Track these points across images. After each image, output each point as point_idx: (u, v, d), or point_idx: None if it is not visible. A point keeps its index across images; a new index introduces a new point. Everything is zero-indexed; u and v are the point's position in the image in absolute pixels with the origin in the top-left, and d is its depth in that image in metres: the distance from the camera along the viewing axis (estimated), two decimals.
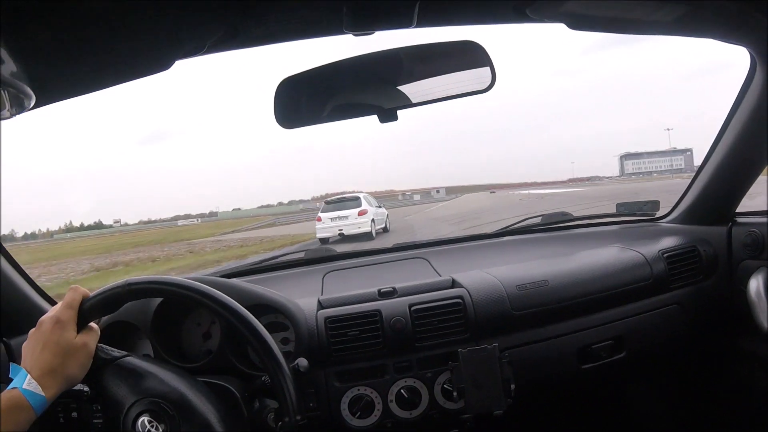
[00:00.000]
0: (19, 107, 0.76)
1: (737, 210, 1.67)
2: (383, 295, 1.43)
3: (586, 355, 1.44)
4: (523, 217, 2.04)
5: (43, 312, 1.51)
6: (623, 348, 1.47)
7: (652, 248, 1.58)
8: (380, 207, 18.29)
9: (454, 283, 1.46)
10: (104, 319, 1.31)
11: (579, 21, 1.09)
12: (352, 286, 1.55)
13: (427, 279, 1.53)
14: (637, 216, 1.89)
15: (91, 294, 1.04)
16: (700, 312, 1.58)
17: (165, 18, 0.86)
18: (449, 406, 1.33)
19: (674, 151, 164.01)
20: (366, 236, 15.30)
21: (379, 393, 1.33)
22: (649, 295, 1.52)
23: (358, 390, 1.33)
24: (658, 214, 1.87)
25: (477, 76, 1.12)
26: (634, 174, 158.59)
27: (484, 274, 1.47)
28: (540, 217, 2.01)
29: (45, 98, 1.02)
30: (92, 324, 1.04)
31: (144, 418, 0.98)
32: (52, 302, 1.59)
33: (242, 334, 1.02)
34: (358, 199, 16.53)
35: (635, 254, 1.56)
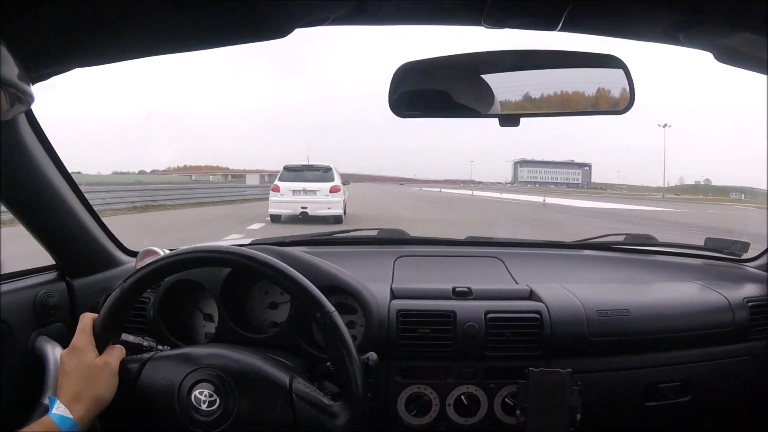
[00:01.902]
0: (19, 107, 0.76)
1: None
2: (458, 294, 1.39)
3: (651, 393, 1.39)
4: (606, 234, 1.95)
5: (111, 257, 1.54)
6: (690, 391, 1.41)
7: (737, 293, 1.50)
8: (347, 183, 15.10)
9: (531, 295, 1.41)
10: (170, 278, 1.31)
11: (729, 55, 1.01)
12: (425, 277, 1.52)
13: (502, 283, 1.49)
14: (723, 253, 1.80)
15: (99, 313, 1.05)
16: None
17: None
18: (506, 420, 1.31)
19: (572, 164, 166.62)
20: (335, 220, 12.38)
21: (438, 394, 1.31)
22: (724, 342, 1.45)
23: (418, 388, 1.31)
24: (745, 255, 1.77)
25: (614, 95, 1.04)
26: (528, 183, 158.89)
27: (565, 291, 1.42)
28: (624, 236, 1.92)
29: (170, 48, 1.04)
30: (118, 346, 1.06)
31: (200, 390, 0.98)
32: (121, 247, 1.60)
33: (304, 305, 1.02)
34: (330, 170, 13.23)
35: (718, 296, 1.48)
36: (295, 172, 13.04)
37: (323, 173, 12.95)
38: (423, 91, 1.08)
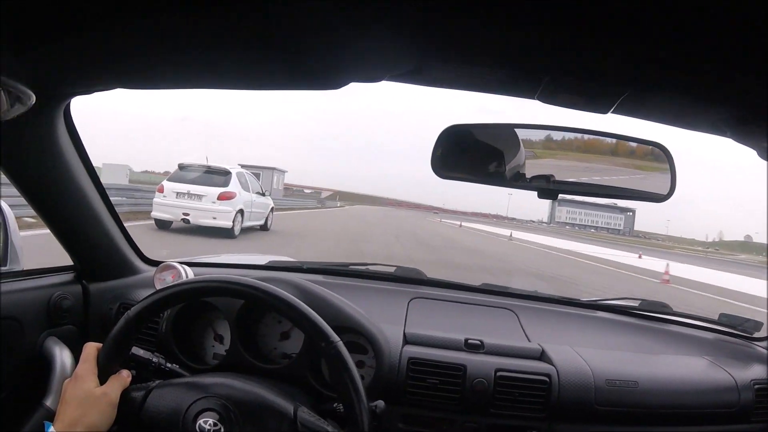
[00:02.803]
0: (19, 107, 0.76)
1: None
2: (470, 347, 1.39)
3: None
4: (622, 296, 1.95)
5: (130, 265, 1.55)
6: None
7: (744, 374, 1.50)
8: (264, 194, 13.11)
9: (542, 355, 1.41)
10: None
11: None
12: (438, 324, 1.52)
13: (514, 338, 1.49)
14: (736, 330, 1.80)
15: (105, 343, 1.04)
16: None
17: (352, 44, 0.83)
18: None
19: (614, 208, 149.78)
20: (224, 233, 10.79)
21: None
22: (727, 422, 1.45)
23: None
24: (757, 334, 1.77)
25: (656, 181, 1.04)
26: (567, 224, 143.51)
27: (575, 355, 1.42)
28: (639, 302, 1.92)
29: (217, 84, 1.05)
30: (121, 373, 1.05)
31: (204, 419, 0.98)
32: (142, 256, 1.61)
33: (309, 334, 1.02)
34: (227, 174, 11.38)
35: (726, 376, 1.48)
36: (186, 172, 11.33)
37: (217, 177, 11.23)
38: (465, 155, 1.08)
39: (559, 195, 1.07)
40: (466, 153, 1.08)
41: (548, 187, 1.06)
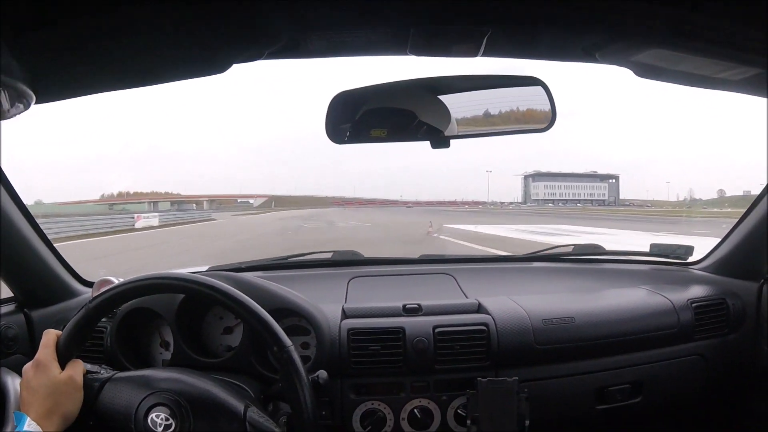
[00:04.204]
0: (19, 107, 0.78)
1: None
2: (408, 311, 1.42)
3: (602, 396, 1.43)
4: (555, 246, 2.01)
5: (68, 288, 1.55)
6: (640, 393, 1.46)
7: (681, 296, 1.56)
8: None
9: (479, 308, 1.45)
10: (126, 305, 1.33)
11: (647, 70, 1.06)
12: (377, 297, 1.56)
13: (452, 298, 1.53)
14: (669, 258, 1.86)
15: (64, 329, 1.06)
16: (721, 366, 1.56)
17: (228, 23, 0.87)
18: (459, 430, 1.34)
19: (594, 176, 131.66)
20: None
21: (392, 410, 1.34)
22: (671, 343, 1.50)
23: (372, 404, 1.33)
24: (690, 258, 1.84)
25: (536, 113, 1.09)
26: (546, 201, 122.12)
27: (511, 303, 1.46)
28: (572, 247, 1.98)
29: (105, 87, 1.06)
30: (77, 360, 1.06)
31: (156, 414, 0.99)
32: (79, 278, 1.62)
33: (263, 339, 1.03)
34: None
35: (663, 300, 1.53)
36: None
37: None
38: (355, 118, 1.12)
39: (453, 140, 1.11)
40: (356, 116, 1.12)
41: (438, 136, 1.11)
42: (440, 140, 1.11)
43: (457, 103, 1.11)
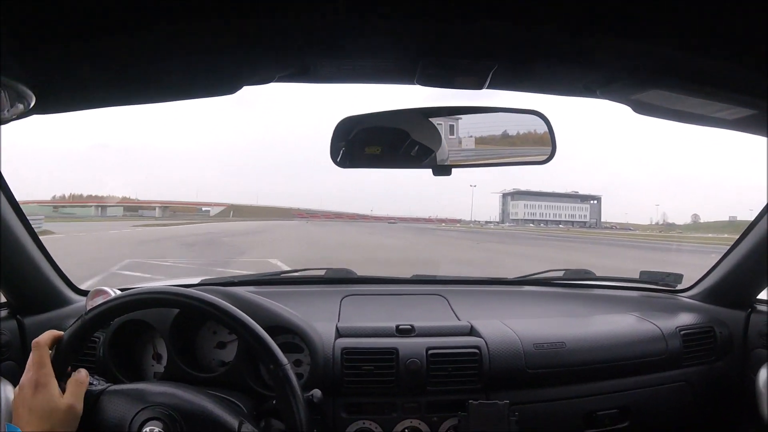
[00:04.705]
0: (19, 107, 0.78)
1: (759, 297, 1.67)
2: (401, 332, 1.44)
3: (591, 421, 1.45)
4: (546, 270, 2.03)
5: (62, 296, 1.54)
6: (628, 418, 1.48)
7: (670, 323, 1.59)
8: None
9: (472, 331, 1.46)
10: (119, 318, 1.33)
11: (645, 108, 1.09)
12: (370, 316, 1.57)
13: (444, 320, 1.55)
14: (658, 285, 1.90)
15: (60, 341, 1.05)
16: (707, 392, 1.59)
17: (240, 47, 0.88)
18: None
19: (576, 196, 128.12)
20: None
21: (383, 429, 1.35)
22: (659, 370, 1.53)
23: (364, 423, 1.34)
24: (680, 286, 1.87)
25: (537, 147, 1.12)
26: (525, 221, 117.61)
27: (503, 327, 1.48)
28: (563, 272, 2.01)
29: (113, 101, 1.06)
30: (76, 376, 1.04)
31: (150, 428, 0.99)
32: (72, 285, 1.61)
33: (259, 356, 1.04)
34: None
35: (652, 327, 1.56)
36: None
37: None
38: (360, 144, 1.14)
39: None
40: (361, 142, 1.14)
41: (440, 164, 1.13)
42: (441, 169, 1.14)
43: (460, 134, 1.13)
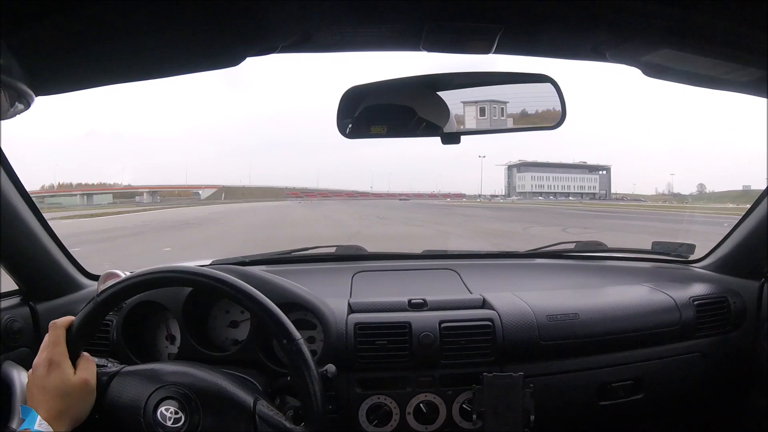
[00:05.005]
0: (19, 107, 0.78)
1: None
2: (414, 306, 1.43)
3: (605, 392, 1.45)
4: (558, 242, 2.02)
5: (74, 281, 1.55)
6: (642, 389, 1.48)
7: (683, 293, 1.58)
8: None
9: (484, 303, 1.46)
10: (133, 299, 1.33)
11: (655, 70, 1.08)
12: (382, 291, 1.57)
13: (457, 294, 1.54)
14: (671, 256, 1.88)
15: (73, 323, 1.05)
16: (721, 363, 1.58)
17: (242, 16, 0.87)
18: (465, 425, 1.35)
19: (584, 166, 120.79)
20: None
21: (398, 404, 1.34)
22: (673, 341, 1.52)
23: (378, 398, 1.34)
24: (692, 256, 1.85)
25: (547, 111, 1.10)
26: (534, 194, 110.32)
27: (516, 299, 1.47)
28: (574, 244, 2.00)
29: (116, 79, 1.06)
30: (86, 355, 1.05)
31: (165, 407, 1.00)
32: (83, 270, 1.62)
33: (272, 332, 1.03)
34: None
35: (666, 297, 1.55)
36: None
37: None
38: (368, 114, 1.13)
39: (461, 137, 1.11)
40: (367, 120, 1.13)
41: (448, 131, 1.12)
42: (449, 137, 1.12)
43: (468, 100, 1.12)
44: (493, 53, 1.03)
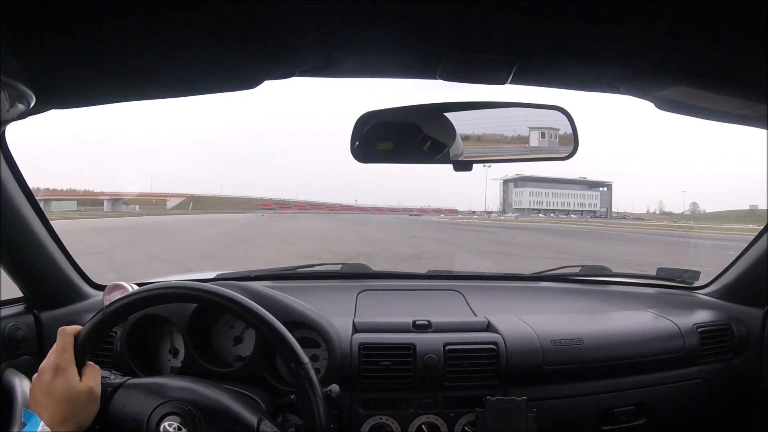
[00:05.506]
0: (19, 107, 0.78)
1: None
2: (418, 327, 1.43)
3: (607, 417, 1.45)
4: (563, 266, 2.03)
5: (79, 291, 1.55)
6: (644, 415, 1.48)
7: (687, 320, 1.58)
8: None
9: (489, 326, 1.46)
10: (137, 313, 1.33)
11: (668, 104, 1.08)
12: (387, 311, 1.57)
13: (461, 315, 1.55)
14: (675, 282, 1.89)
15: (81, 332, 1.05)
16: (724, 390, 1.58)
17: (264, 40, 0.87)
18: None
19: (584, 182, 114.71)
20: None
21: (400, 425, 1.35)
22: (676, 367, 1.52)
23: (380, 419, 1.34)
24: (696, 283, 1.86)
25: (559, 142, 1.11)
26: (532, 210, 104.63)
27: (520, 323, 1.47)
28: (579, 268, 2.00)
29: (133, 96, 1.08)
30: (92, 364, 1.05)
31: (169, 423, 0.99)
32: (88, 280, 1.62)
33: (281, 354, 1.03)
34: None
35: (670, 324, 1.55)
36: None
37: None
38: (380, 138, 1.14)
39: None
40: (374, 137, 1.14)
41: (461, 159, 1.12)
42: (462, 165, 1.13)
43: (482, 129, 1.13)
44: (509, 84, 1.04)
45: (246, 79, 1.00)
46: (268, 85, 1.01)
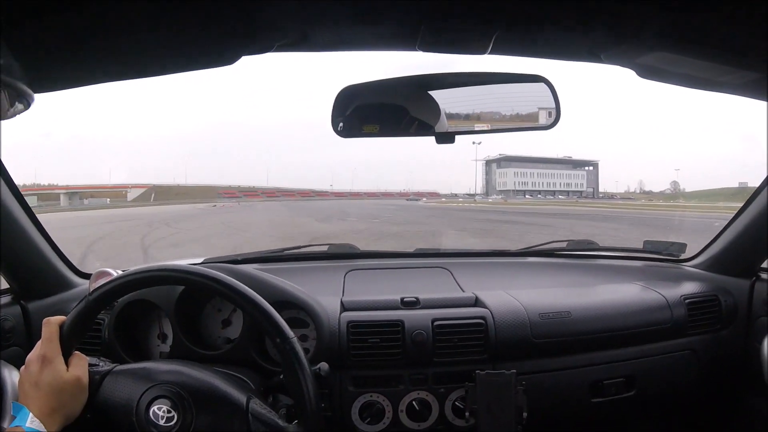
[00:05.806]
0: (19, 107, 0.77)
1: (763, 265, 1.67)
2: (406, 304, 1.44)
3: (597, 389, 1.46)
4: (549, 240, 2.03)
5: (65, 280, 1.54)
6: (634, 387, 1.49)
7: (675, 292, 1.59)
8: None
9: (477, 302, 1.47)
10: (124, 297, 1.32)
11: (650, 72, 1.08)
12: (375, 290, 1.57)
13: (449, 292, 1.55)
14: (662, 255, 1.90)
15: (66, 321, 1.04)
16: (712, 361, 1.60)
17: (239, 15, 0.86)
18: (458, 423, 1.35)
19: (569, 162, 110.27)
20: None
21: (390, 402, 1.35)
22: (665, 338, 1.54)
23: (371, 396, 1.35)
24: (683, 255, 1.87)
25: (541, 111, 1.11)
26: (517, 192, 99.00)
27: (508, 297, 1.48)
28: (566, 243, 2.01)
29: (110, 77, 1.05)
30: (79, 353, 1.05)
31: (158, 406, 0.99)
32: (74, 269, 1.61)
33: (266, 331, 1.02)
34: None
35: (657, 296, 1.56)
36: None
37: None
38: (360, 113, 1.13)
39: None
40: (359, 119, 1.13)
41: (443, 131, 1.12)
42: (444, 136, 1.13)
43: (463, 100, 1.12)
44: (489, 54, 1.03)
45: (223, 56, 0.99)
46: (240, 65, 1.00)
